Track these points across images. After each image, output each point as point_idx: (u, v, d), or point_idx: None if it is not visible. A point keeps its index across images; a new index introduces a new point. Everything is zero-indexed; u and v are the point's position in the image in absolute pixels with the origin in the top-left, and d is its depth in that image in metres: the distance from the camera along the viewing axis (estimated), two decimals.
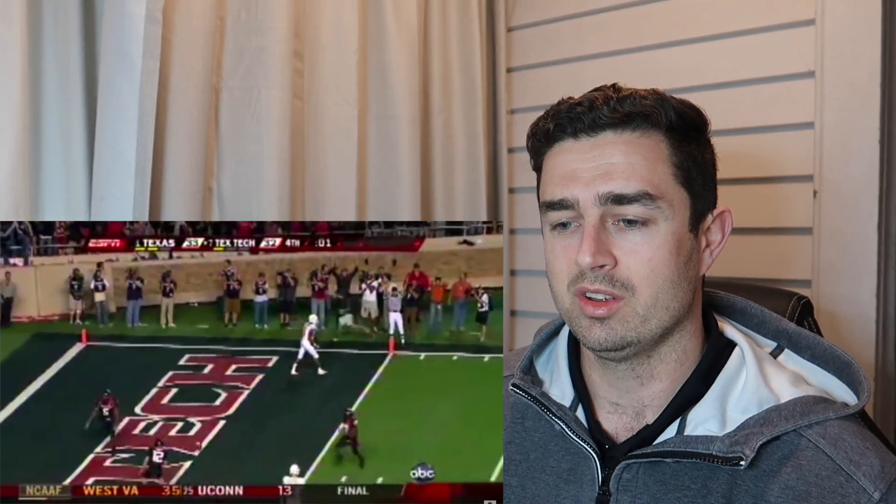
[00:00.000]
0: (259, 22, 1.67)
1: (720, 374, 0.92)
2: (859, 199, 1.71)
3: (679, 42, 1.97)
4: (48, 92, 1.50)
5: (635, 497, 0.89)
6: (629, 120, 0.89)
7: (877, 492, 0.81)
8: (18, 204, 1.35)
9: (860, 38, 1.70)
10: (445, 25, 2.18)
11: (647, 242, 0.88)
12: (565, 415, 0.97)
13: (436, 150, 2.18)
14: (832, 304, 1.74)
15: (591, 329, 0.90)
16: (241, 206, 1.69)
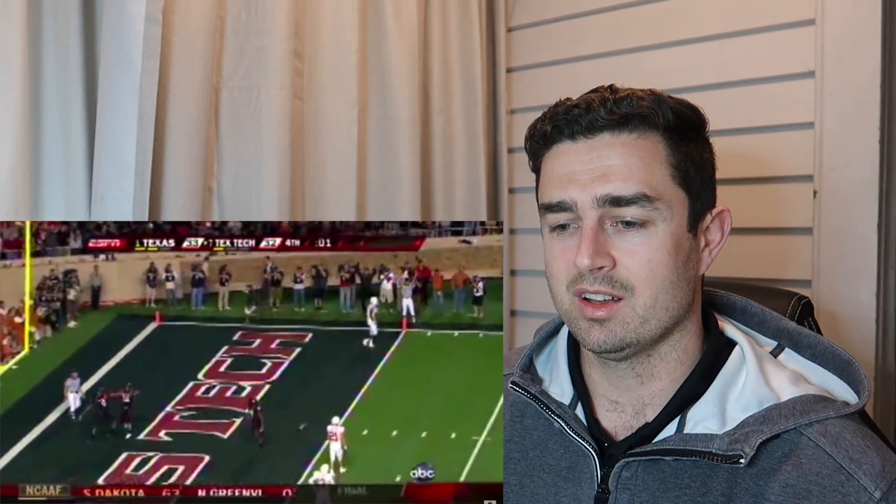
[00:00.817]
0: (259, 22, 1.67)
1: (720, 372, 0.92)
2: (859, 199, 1.71)
3: (679, 42, 1.97)
4: (48, 92, 1.50)
5: (634, 495, 0.89)
6: (626, 121, 0.89)
7: (877, 490, 0.81)
8: (18, 204, 1.35)
9: (860, 38, 1.70)
10: (445, 25, 2.18)
11: (646, 243, 0.88)
12: (565, 413, 0.97)
13: (436, 150, 2.18)
14: (832, 304, 1.74)
15: (590, 331, 0.90)
16: (241, 206, 1.69)
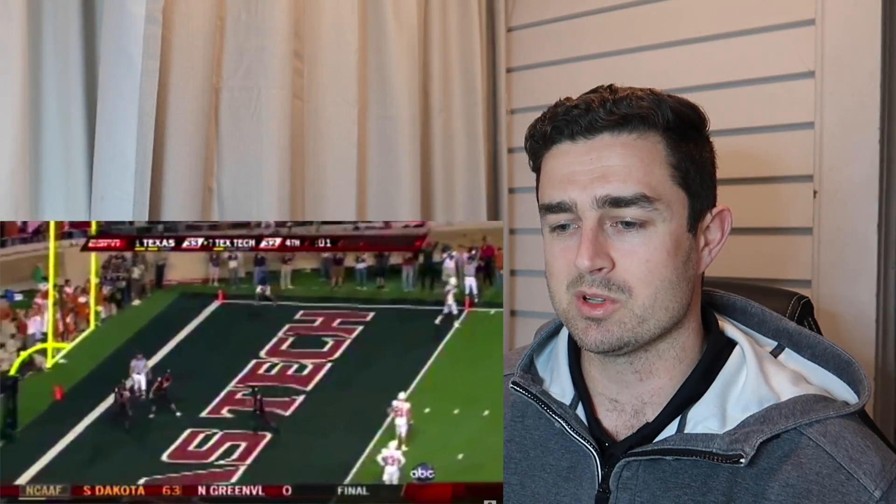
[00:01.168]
0: (259, 22, 1.67)
1: (720, 372, 0.92)
2: (859, 199, 1.71)
3: (679, 42, 1.97)
4: (48, 92, 1.50)
5: (635, 495, 0.89)
6: (626, 122, 0.89)
7: (877, 490, 0.81)
8: (18, 204, 1.35)
9: (860, 38, 1.70)
10: (445, 25, 2.18)
11: (645, 244, 0.88)
12: (565, 413, 0.97)
13: (436, 150, 2.18)
14: (832, 304, 1.74)
15: (587, 331, 0.90)
16: (241, 206, 1.69)
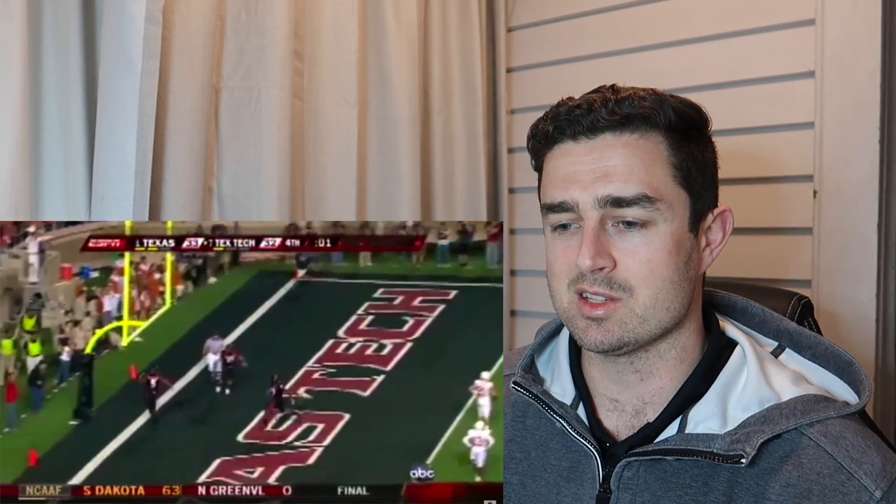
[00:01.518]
0: (259, 22, 1.67)
1: (721, 372, 0.92)
2: (859, 199, 1.71)
3: (679, 42, 1.97)
4: (48, 92, 1.50)
5: (636, 495, 0.89)
6: (628, 122, 0.89)
7: (878, 490, 0.81)
8: (18, 204, 1.35)
9: (860, 38, 1.70)
10: (445, 25, 2.18)
11: (647, 244, 0.88)
12: (566, 413, 0.97)
13: (436, 150, 2.18)
14: (832, 304, 1.74)
15: (587, 331, 0.90)
16: (241, 206, 1.70)
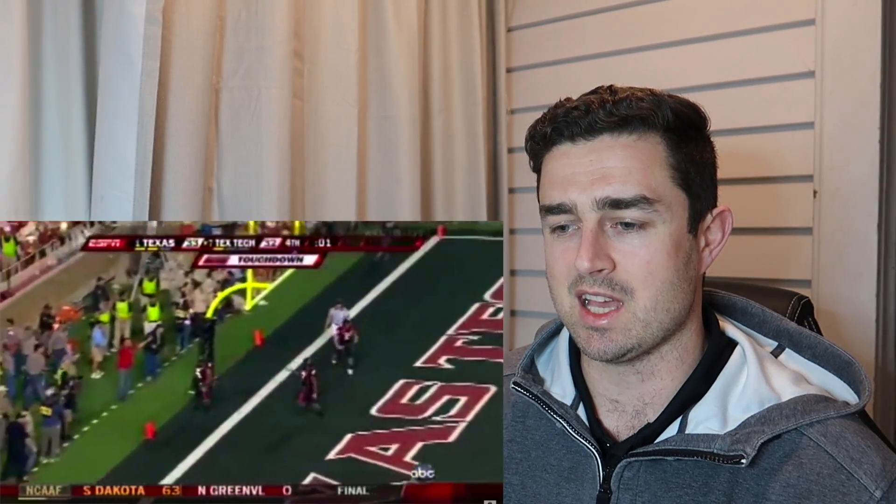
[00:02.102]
0: (259, 22, 1.67)
1: (721, 372, 0.92)
2: (859, 199, 1.71)
3: (679, 42, 1.97)
4: (48, 92, 1.50)
5: (636, 495, 0.89)
6: (626, 123, 0.89)
7: (878, 490, 0.81)
8: (18, 204, 1.35)
9: (860, 38, 1.70)
10: (445, 25, 2.18)
11: (645, 245, 0.88)
12: (566, 413, 0.97)
13: (436, 150, 2.18)
14: (832, 304, 1.74)
15: (590, 340, 0.90)
16: (241, 206, 1.69)
